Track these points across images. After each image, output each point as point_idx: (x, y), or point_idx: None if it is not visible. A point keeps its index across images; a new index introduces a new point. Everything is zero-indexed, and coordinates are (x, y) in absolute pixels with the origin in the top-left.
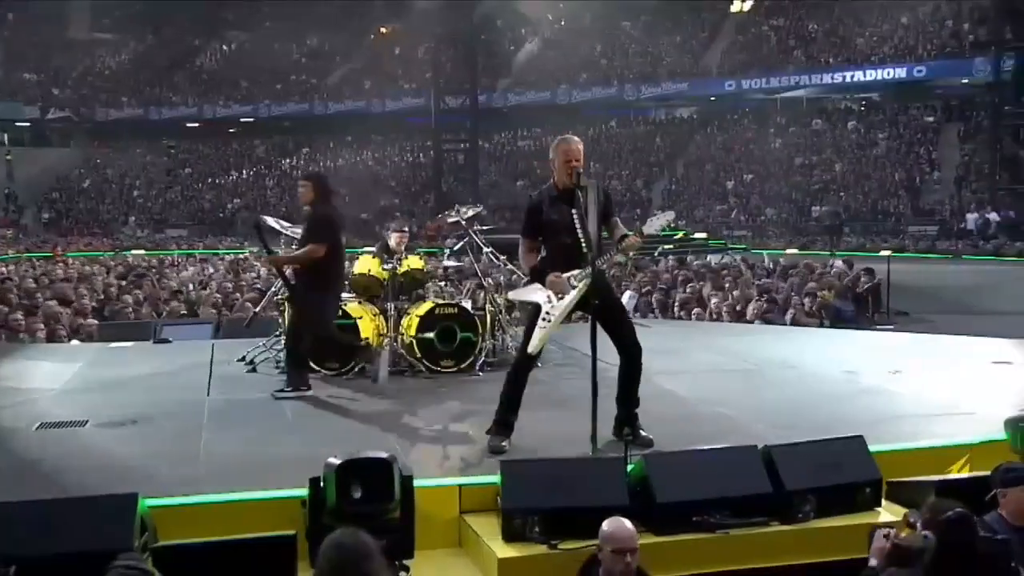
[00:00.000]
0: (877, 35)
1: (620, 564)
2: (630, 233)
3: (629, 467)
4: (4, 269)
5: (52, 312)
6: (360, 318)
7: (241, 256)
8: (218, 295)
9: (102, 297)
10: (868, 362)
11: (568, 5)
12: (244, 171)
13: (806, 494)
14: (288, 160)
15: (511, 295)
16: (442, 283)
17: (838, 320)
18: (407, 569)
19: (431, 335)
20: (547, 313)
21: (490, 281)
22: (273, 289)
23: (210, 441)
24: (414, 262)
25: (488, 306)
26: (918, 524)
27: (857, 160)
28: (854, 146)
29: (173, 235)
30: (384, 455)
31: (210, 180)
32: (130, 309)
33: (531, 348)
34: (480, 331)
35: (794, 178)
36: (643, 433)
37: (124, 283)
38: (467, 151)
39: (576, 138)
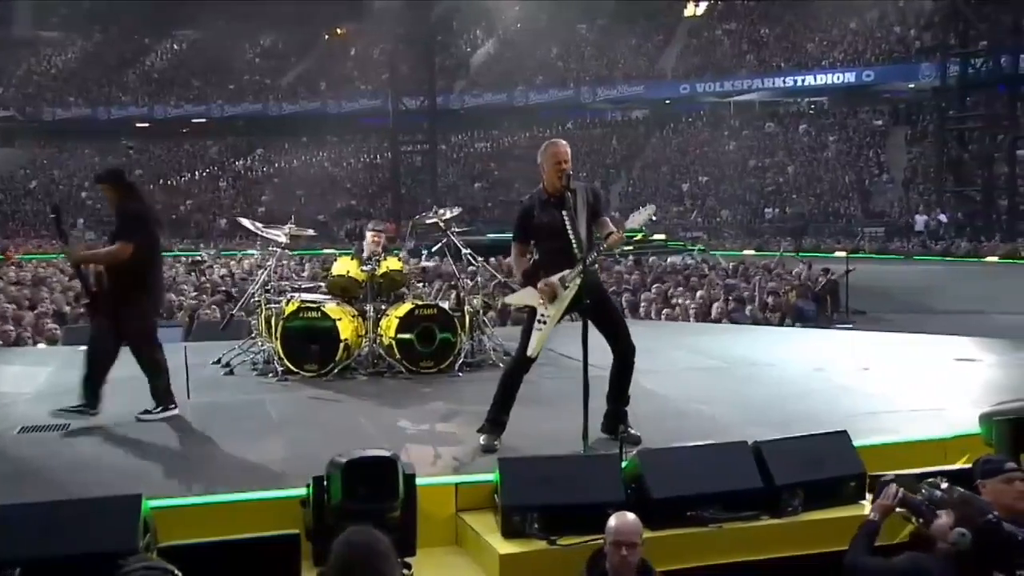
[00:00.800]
0: (827, 40)
1: (616, 557)
2: (613, 231)
3: (624, 463)
4: None
5: (16, 315)
6: (339, 319)
7: (197, 258)
8: (181, 297)
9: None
10: (835, 359)
11: (524, 7)
12: (196, 172)
13: (795, 488)
14: (242, 161)
15: (508, 299)
16: (420, 284)
17: (800, 319)
18: (409, 567)
19: (411, 336)
20: (543, 315)
21: (468, 282)
22: (251, 290)
23: (197, 442)
24: (393, 263)
25: (467, 307)
26: (945, 515)
27: (809, 162)
28: (805, 149)
29: None
30: (388, 454)
31: (161, 181)
32: None
33: (530, 351)
34: (459, 332)
35: (748, 180)
36: (631, 430)
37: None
38: (425, 152)
39: (563, 141)
